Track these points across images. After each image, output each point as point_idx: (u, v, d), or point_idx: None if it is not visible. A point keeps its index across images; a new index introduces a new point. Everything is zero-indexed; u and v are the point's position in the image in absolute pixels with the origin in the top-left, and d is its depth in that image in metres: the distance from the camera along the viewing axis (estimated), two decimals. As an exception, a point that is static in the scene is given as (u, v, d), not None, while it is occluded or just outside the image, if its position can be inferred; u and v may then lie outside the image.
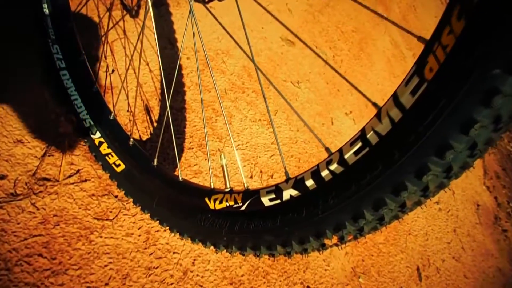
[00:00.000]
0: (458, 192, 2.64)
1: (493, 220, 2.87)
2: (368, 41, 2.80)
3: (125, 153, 0.92)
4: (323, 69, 2.11)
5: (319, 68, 2.08)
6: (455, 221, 2.38)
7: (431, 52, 0.42)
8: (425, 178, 0.42)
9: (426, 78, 0.42)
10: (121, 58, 1.23)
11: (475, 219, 2.65)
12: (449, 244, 2.17)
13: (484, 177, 3.28)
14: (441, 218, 2.25)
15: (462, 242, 2.30)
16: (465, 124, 0.39)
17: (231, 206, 0.68)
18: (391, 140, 0.46)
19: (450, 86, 0.40)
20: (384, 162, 0.46)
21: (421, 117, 0.42)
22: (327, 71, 2.13)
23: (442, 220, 2.25)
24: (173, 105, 1.28)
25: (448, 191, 2.54)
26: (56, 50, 1.03)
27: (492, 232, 2.76)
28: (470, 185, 2.88)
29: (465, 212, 2.56)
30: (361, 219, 0.48)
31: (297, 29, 2.16)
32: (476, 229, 2.57)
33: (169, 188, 0.82)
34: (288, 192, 0.59)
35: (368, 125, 0.49)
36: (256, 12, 1.96)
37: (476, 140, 0.39)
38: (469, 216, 2.58)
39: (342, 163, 0.52)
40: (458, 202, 2.55)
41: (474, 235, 2.48)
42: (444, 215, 2.31)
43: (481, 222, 2.68)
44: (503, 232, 2.93)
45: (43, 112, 0.99)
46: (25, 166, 0.90)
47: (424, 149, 0.42)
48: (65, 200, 0.91)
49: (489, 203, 3.01)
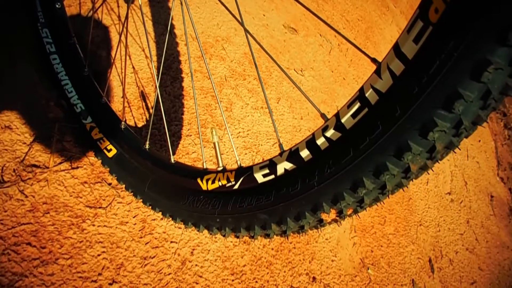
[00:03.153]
0: (471, 183, 2.56)
1: (507, 212, 2.78)
2: (375, 30, 2.73)
3: (117, 137, 0.88)
4: (328, 57, 2.06)
5: (323, 56, 2.02)
6: (468, 212, 2.30)
7: (436, -10, 0.37)
8: (431, 135, 0.37)
9: (431, 21, 0.37)
10: (114, 44, 1.19)
11: (489, 210, 2.56)
12: (462, 235, 2.09)
13: (497, 168, 3.19)
14: (453, 209, 2.18)
15: (475, 234, 2.22)
16: (477, 67, 0.33)
17: (224, 186, 0.63)
18: (393, 96, 0.41)
19: (459, 26, 0.34)
20: (385, 122, 0.40)
21: (426, 66, 0.37)
22: (332, 59, 2.07)
23: (454, 211, 2.18)
24: (171, 91, 1.23)
25: (461, 182, 2.46)
26: (45, 34, 1.00)
27: (507, 224, 2.67)
28: (483, 176, 2.79)
29: (478, 204, 2.47)
30: (361, 188, 0.43)
31: (300, 17, 2.11)
32: (490, 220, 2.48)
33: (161, 171, 0.77)
34: (282, 166, 0.54)
35: (366, 83, 0.44)
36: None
37: (490, 86, 0.34)
38: (482, 207, 2.50)
39: (339, 128, 0.46)
40: (471, 193, 2.47)
41: (488, 226, 2.40)
42: (457, 206, 2.23)
43: (495, 214, 2.59)
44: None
45: (33, 97, 0.95)
46: (13, 153, 0.86)
47: (430, 102, 0.37)
48: (55, 187, 0.87)
49: (503, 195, 2.92)
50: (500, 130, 4.02)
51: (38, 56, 0.99)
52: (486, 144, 3.33)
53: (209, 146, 1.19)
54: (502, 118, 4.26)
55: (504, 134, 4.02)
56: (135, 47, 1.24)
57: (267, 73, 1.62)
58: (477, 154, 2.99)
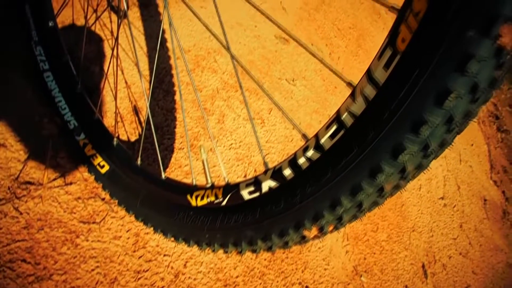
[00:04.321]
0: (464, 187, 2.59)
1: (501, 215, 2.81)
2: (366, 37, 2.77)
3: (109, 153, 0.90)
4: (319, 66, 2.08)
5: (315, 65, 2.05)
6: (461, 217, 2.32)
7: (403, 21, 0.39)
8: (401, 158, 0.39)
9: (399, 50, 0.39)
10: (107, 59, 1.21)
11: (483, 214, 2.59)
12: (456, 240, 2.12)
13: (490, 171, 3.22)
14: (446, 214, 2.20)
15: (469, 238, 2.24)
16: (439, 95, 0.36)
17: (212, 202, 0.65)
18: (366, 120, 0.43)
19: (423, 55, 0.37)
20: (359, 144, 0.43)
21: (395, 92, 0.39)
22: (323, 68, 2.10)
23: (447, 215, 2.20)
24: (163, 105, 1.25)
25: (454, 187, 2.48)
26: (39, 52, 1.02)
27: (501, 227, 2.70)
28: (476, 180, 2.82)
29: (471, 207, 2.50)
30: (339, 206, 0.45)
31: (292, 27, 2.14)
32: (484, 224, 2.51)
33: (152, 187, 0.79)
34: (267, 184, 0.56)
35: (343, 106, 0.46)
36: (249, 10, 1.94)
37: (453, 112, 0.36)
38: (476, 211, 2.52)
39: (319, 148, 0.49)
40: (464, 197, 2.49)
41: (481, 230, 2.43)
42: (450, 211, 2.26)
43: (488, 217, 2.62)
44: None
45: (27, 114, 0.97)
46: (8, 170, 0.88)
47: (399, 126, 0.39)
48: (49, 203, 0.89)
49: (497, 198, 2.95)
50: (493, 133, 4.06)
51: (32, 74, 1.01)
52: (479, 148, 3.36)
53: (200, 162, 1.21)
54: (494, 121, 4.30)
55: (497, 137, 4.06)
56: (128, 61, 1.27)
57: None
58: (470, 158, 3.02)
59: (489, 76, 0.34)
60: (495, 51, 0.33)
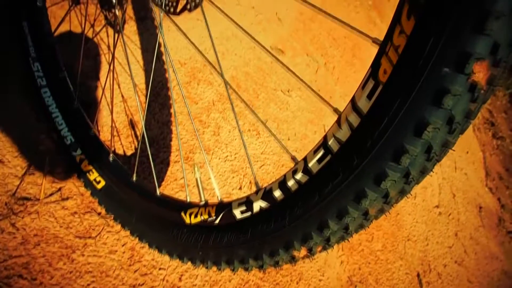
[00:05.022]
0: (459, 195, 2.61)
1: (496, 222, 2.82)
2: (362, 46, 2.80)
3: (105, 169, 0.91)
4: (314, 76, 2.11)
5: (310, 76, 2.07)
6: (457, 225, 2.34)
7: (384, 54, 0.41)
8: (384, 184, 0.41)
9: (380, 81, 0.41)
10: (104, 74, 1.23)
11: (478, 221, 2.60)
12: (451, 248, 2.13)
13: (486, 178, 3.24)
14: (441, 222, 2.22)
15: (464, 246, 2.25)
16: (418, 126, 0.37)
17: (205, 220, 0.67)
18: (351, 146, 0.45)
19: (402, 88, 0.38)
20: (344, 170, 0.44)
21: (377, 121, 0.41)
22: (318, 78, 2.12)
23: (442, 224, 2.21)
24: (159, 119, 1.27)
25: (449, 195, 2.50)
26: (37, 68, 1.03)
27: (496, 234, 2.71)
28: (471, 188, 2.84)
29: (467, 215, 2.52)
30: (326, 229, 0.47)
31: (287, 38, 2.17)
32: (479, 232, 2.52)
33: (147, 204, 0.81)
34: (258, 204, 0.58)
35: (329, 132, 0.48)
36: (245, 22, 1.97)
37: (431, 143, 0.38)
38: (471, 219, 2.54)
39: (307, 172, 0.50)
40: (459, 205, 2.51)
41: (477, 238, 2.44)
42: (445, 219, 2.27)
43: (484, 225, 2.64)
44: (508, 234, 2.88)
45: (24, 130, 0.98)
46: (5, 186, 0.89)
47: (381, 154, 0.41)
48: (46, 219, 0.90)
49: (492, 205, 2.97)
50: (488, 140, 4.08)
51: (30, 90, 1.03)
52: (474, 155, 3.38)
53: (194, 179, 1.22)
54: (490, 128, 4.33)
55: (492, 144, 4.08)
56: (124, 75, 1.28)
57: (254, 95, 1.66)
58: (465, 165, 3.05)
59: (464, 109, 0.36)
60: (470, 86, 0.35)
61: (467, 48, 0.33)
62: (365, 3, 3.32)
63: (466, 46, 0.33)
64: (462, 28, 0.33)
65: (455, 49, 0.34)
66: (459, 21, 0.33)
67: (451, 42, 0.34)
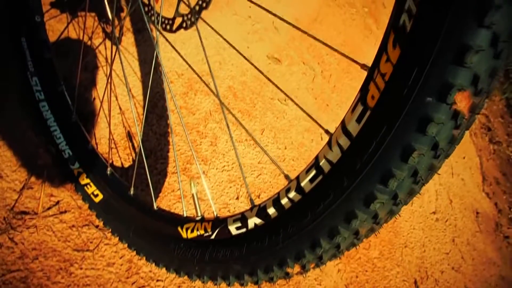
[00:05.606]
0: (456, 200, 2.62)
1: (494, 228, 2.84)
2: (358, 53, 2.82)
3: (103, 183, 0.92)
4: (311, 84, 2.13)
5: (307, 84, 2.09)
6: (454, 231, 2.35)
7: (372, 80, 0.42)
8: (373, 206, 0.42)
9: (369, 106, 0.43)
10: (101, 86, 1.24)
11: (475, 227, 2.62)
12: (448, 254, 2.14)
13: (483, 183, 3.25)
14: (438, 228, 2.23)
15: (461, 252, 2.27)
16: (404, 152, 0.39)
17: (201, 235, 0.68)
18: (341, 168, 0.46)
19: (389, 114, 0.40)
20: (335, 190, 0.46)
21: (366, 145, 0.42)
22: (315, 87, 2.14)
23: (439, 230, 2.23)
24: (157, 130, 1.28)
25: (446, 200, 2.52)
26: (35, 82, 1.04)
27: (494, 239, 2.72)
28: (468, 193, 2.86)
29: (464, 221, 2.53)
30: (319, 247, 0.48)
31: (284, 46, 2.18)
32: (476, 237, 2.54)
33: (145, 217, 0.82)
34: (253, 221, 0.59)
35: (321, 153, 0.49)
36: (242, 31, 1.99)
37: (417, 167, 0.39)
38: (468, 224, 2.55)
39: (299, 191, 0.52)
40: (456, 211, 2.52)
41: (474, 243, 2.45)
42: (442, 225, 2.28)
43: (481, 230, 2.65)
44: (505, 239, 2.89)
45: (23, 144, 1.00)
46: (4, 201, 0.90)
47: (370, 177, 0.42)
48: (44, 233, 0.91)
49: (489, 210, 2.98)
50: (485, 145, 4.10)
51: (28, 104, 1.04)
52: (471, 160, 3.40)
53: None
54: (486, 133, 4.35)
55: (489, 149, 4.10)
56: (122, 87, 1.30)
57: (251, 104, 1.68)
58: (462, 171, 3.06)
59: (448, 136, 0.38)
60: (452, 115, 0.36)
61: (449, 79, 0.35)
62: (361, 10, 3.34)
63: (448, 78, 0.35)
64: (444, 60, 0.35)
65: (438, 80, 0.35)
66: (441, 54, 0.35)
67: (434, 73, 0.35)
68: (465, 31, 0.33)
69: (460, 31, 0.33)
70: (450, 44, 0.34)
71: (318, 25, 2.64)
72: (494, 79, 0.36)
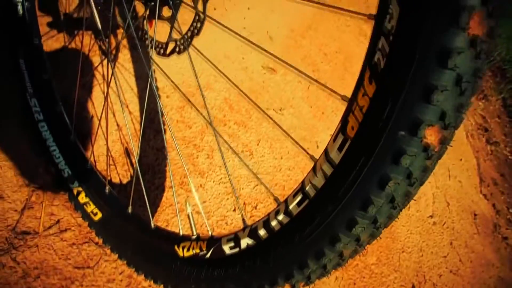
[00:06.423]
0: (453, 203, 2.64)
1: (492, 229, 2.86)
2: (353, 60, 2.85)
3: (102, 201, 0.94)
4: (306, 92, 2.16)
5: (302, 93, 2.12)
6: (451, 234, 2.37)
7: (351, 112, 0.45)
8: (354, 230, 0.45)
9: (349, 136, 0.45)
10: (99, 104, 1.27)
11: (473, 229, 2.64)
12: (446, 257, 2.16)
13: (480, 185, 3.28)
14: (436, 232, 2.25)
15: (459, 255, 2.29)
16: (381, 181, 0.41)
17: (197, 254, 0.70)
18: (325, 193, 0.49)
19: (367, 145, 0.42)
20: (320, 214, 0.48)
21: (347, 173, 0.45)
22: (310, 95, 2.17)
23: (437, 234, 2.25)
24: (154, 145, 1.31)
25: (443, 203, 2.54)
26: (34, 103, 1.07)
27: (492, 241, 2.74)
28: (465, 195, 2.88)
29: (461, 223, 2.55)
30: (306, 268, 0.51)
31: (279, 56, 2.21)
32: (474, 239, 2.56)
33: (143, 236, 0.84)
34: (245, 241, 0.61)
35: (306, 178, 0.52)
36: (236, 42, 2.02)
37: (394, 194, 0.42)
38: (466, 227, 2.57)
39: (288, 213, 0.54)
40: (453, 214, 2.55)
41: (472, 246, 2.47)
42: (439, 229, 2.31)
43: (479, 232, 2.67)
44: (503, 240, 2.91)
45: (23, 164, 1.02)
46: (5, 221, 0.92)
47: (351, 203, 0.45)
48: (45, 251, 0.93)
49: (487, 211, 3.00)
50: (482, 146, 4.12)
51: (28, 124, 1.07)
52: (468, 162, 3.42)
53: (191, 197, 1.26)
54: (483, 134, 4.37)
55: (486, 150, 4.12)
56: (119, 104, 1.32)
57: (246, 116, 1.70)
58: (459, 173, 3.09)
59: (421, 166, 0.40)
60: (423, 147, 0.39)
61: (418, 115, 0.37)
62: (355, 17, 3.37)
63: (418, 114, 0.37)
64: (413, 98, 0.37)
65: (409, 116, 0.38)
66: (411, 92, 0.37)
67: (405, 109, 0.38)
68: (431, 72, 0.36)
69: (427, 72, 0.36)
70: (419, 83, 0.37)
71: (312, 33, 2.68)
72: (461, 113, 0.38)
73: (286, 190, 1.56)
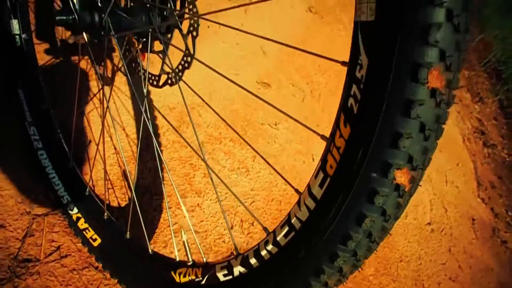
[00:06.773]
0: (451, 209, 2.66)
1: (490, 233, 2.88)
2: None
3: (100, 227, 0.97)
4: (301, 105, 2.19)
5: (296, 106, 2.15)
6: (450, 240, 2.39)
7: (329, 151, 0.48)
8: (337, 262, 0.48)
9: (328, 174, 0.48)
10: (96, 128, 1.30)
11: (471, 234, 2.66)
12: (445, 265, 2.18)
13: (478, 189, 3.30)
14: (434, 239, 2.27)
15: (458, 261, 2.30)
16: (358, 218, 0.44)
17: (193, 280, 0.73)
18: (309, 226, 0.51)
19: (344, 185, 0.45)
20: (305, 247, 0.51)
21: (328, 209, 0.48)
22: (305, 107, 2.20)
23: (435, 241, 2.27)
24: (151, 167, 1.34)
25: (440, 210, 2.56)
26: (33, 132, 1.10)
27: (491, 245, 2.76)
28: (463, 200, 2.90)
29: (460, 229, 2.57)
30: (294, 297, 0.53)
31: (272, 70, 2.25)
32: (473, 245, 2.57)
33: (141, 261, 0.87)
34: (238, 269, 0.64)
35: (292, 211, 0.55)
36: (231, 58, 2.06)
37: (371, 230, 0.45)
38: (464, 232, 2.59)
39: (276, 244, 0.57)
40: (451, 220, 2.57)
41: (471, 251, 2.49)
42: (437, 236, 2.33)
43: (477, 237, 2.69)
44: (502, 244, 2.93)
45: (23, 192, 1.05)
46: (7, 250, 0.95)
47: (332, 237, 0.47)
48: (46, 278, 0.96)
49: (485, 216, 3.02)
50: (479, 149, 4.14)
51: (27, 152, 1.10)
52: (465, 167, 3.45)
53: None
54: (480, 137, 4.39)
55: (483, 153, 4.15)
56: (117, 127, 1.36)
57: (242, 132, 1.74)
58: (456, 178, 3.11)
59: (394, 204, 0.43)
60: (395, 187, 0.42)
61: (388, 159, 0.40)
62: (349, 26, 3.42)
63: (387, 158, 0.40)
64: (383, 143, 0.40)
65: (380, 159, 0.41)
66: (380, 137, 0.40)
67: (376, 153, 0.41)
68: (397, 121, 0.39)
69: (394, 120, 0.39)
70: (387, 130, 0.40)
71: (306, 46, 2.72)
72: (427, 155, 0.41)
73: (283, 205, 1.59)
